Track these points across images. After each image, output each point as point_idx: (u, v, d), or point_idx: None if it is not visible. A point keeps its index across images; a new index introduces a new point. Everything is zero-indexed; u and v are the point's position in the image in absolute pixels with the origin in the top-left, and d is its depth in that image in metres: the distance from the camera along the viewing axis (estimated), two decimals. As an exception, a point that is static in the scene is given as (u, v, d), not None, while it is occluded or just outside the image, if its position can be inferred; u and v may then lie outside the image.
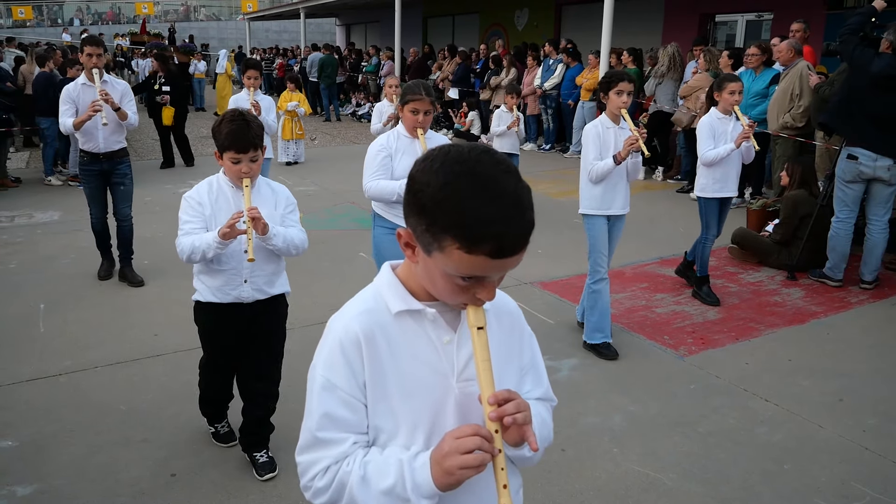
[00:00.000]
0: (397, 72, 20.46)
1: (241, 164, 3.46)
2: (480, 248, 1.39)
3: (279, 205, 3.68)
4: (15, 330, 5.82)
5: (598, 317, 5.36)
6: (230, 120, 3.45)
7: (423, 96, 4.54)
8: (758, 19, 15.15)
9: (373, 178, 4.60)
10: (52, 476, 3.86)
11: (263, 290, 3.69)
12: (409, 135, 4.65)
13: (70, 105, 6.57)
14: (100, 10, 46.68)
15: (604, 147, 5.22)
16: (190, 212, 3.55)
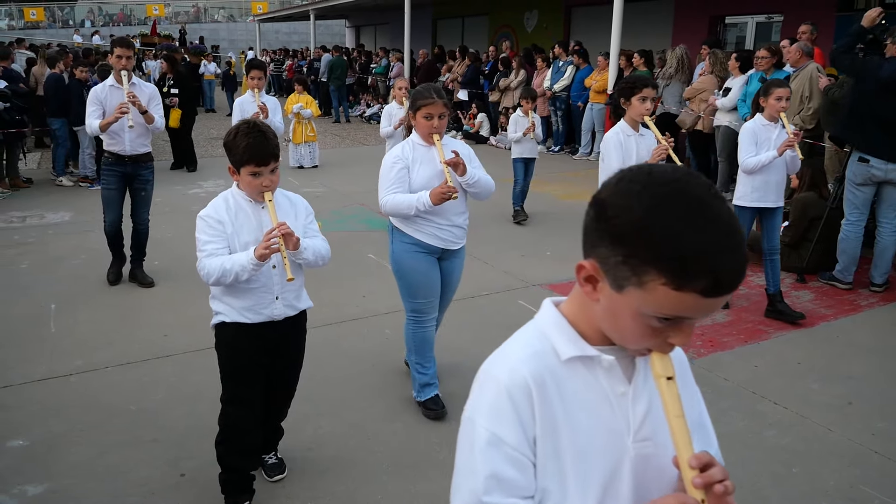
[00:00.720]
0: (407, 73, 20.49)
1: (262, 177, 3.27)
2: (693, 284, 1.19)
3: (299, 215, 3.50)
4: (26, 330, 5.85)
5: None
6: (246, 133, 3.25)
7: (434, 99, 4.23)
8: (768, 21, 15.11)
9: (389, 192, 4.29)
10: (62, 475, 3.89)
11: (293, 306, 3.54)
12: (424, 143, 4.33)
13: (97, 106, 6.53)
14: (111, 12, 46.84)
15: (626, 156, 5.01)
16: (210, 232, 3.32)
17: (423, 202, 4.17)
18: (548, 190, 11.25)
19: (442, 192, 4.11)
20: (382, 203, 4.32)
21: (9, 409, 4.58)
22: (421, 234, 4.33)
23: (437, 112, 4.24)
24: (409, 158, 4.31)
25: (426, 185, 4.23)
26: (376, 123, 20.69)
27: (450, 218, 4.34)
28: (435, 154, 4.30)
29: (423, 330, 4.51)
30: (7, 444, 4.17)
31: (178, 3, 49.99)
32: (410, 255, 4.39)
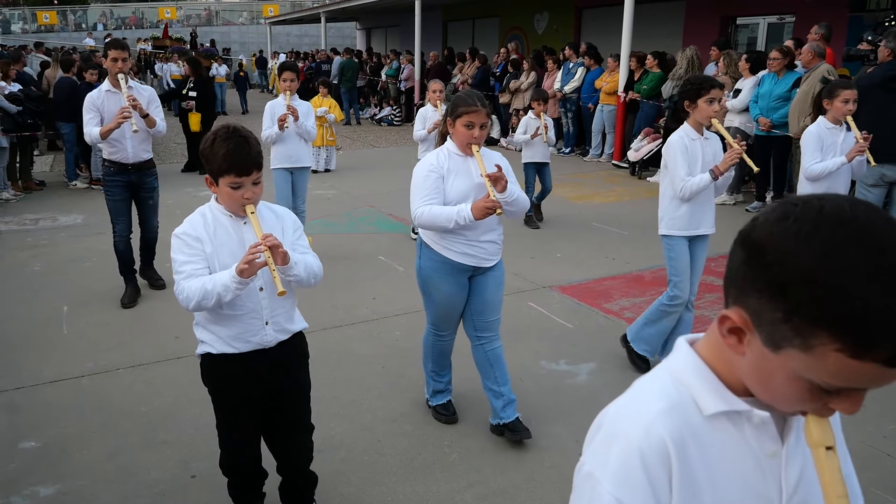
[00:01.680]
0: (417, 76, 20.50)
1: (243, 189, 2.89)
2: (877, 352, 0.98)
3: (286, 230, 3.13)
4: (38, 332, 5.88)
5: (654, 331, 5.08)
6: (225, 138, 2.86)
7: (478, 107, 3.89)
8: (780, 22, 15.08)
9: (424, 203, 3.92)
10: (74, 476, 3.90)
11: (285, 329, 3.17)
12: (461, 152, 4.00)
13: (94, 113, 6.19)
14: (123, 15, 47.06)
15: (692, 161, 4.71)
16: (187, 251, 2.94)
17: (463, 216, 3.82)
18: (558, 192, 11.21)
19: (486, 207, 3.77)
20: (417, 214, 3.94)
21: (21, 410, 4.61)
22: (450, 252, 4.03)
23: (480, 121, 3.90)
24: (443, 168, 3.97)
25: (460, 198, 3.93)
26: (387, 126, 20.73)
27: (482, 234, 4.02)
28: (472, 166, 3.99)
29: (443, 342, 4.38)
30: (19, 446, 4.19)
31: (190, 6, 50.21)
32: (438, 273, 4.10)
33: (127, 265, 6.62)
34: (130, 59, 6.64)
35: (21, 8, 46.61)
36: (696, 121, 4.71)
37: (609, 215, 9.65)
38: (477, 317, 4.22)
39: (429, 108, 8.55)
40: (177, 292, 2.94)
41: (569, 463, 4.04)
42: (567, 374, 5.15)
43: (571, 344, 5.63)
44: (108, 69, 6.23)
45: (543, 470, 3.98)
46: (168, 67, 23.27)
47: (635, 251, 8.07)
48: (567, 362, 5.31)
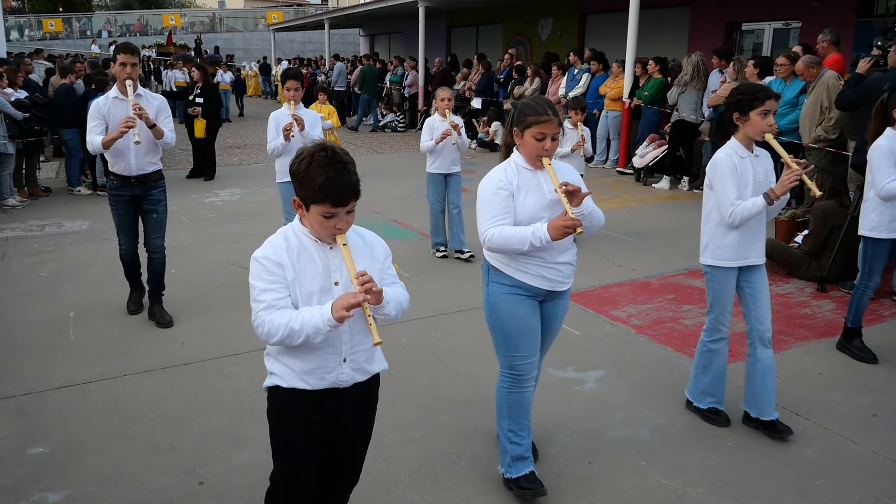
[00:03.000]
0: (421, 82, 20.52)
1: (336, 219, 2.65)
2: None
3: (375, 258, 2.87)
4: (45, 337, 5.88)
5: (710, 378, 4.58)
6: (323, 164, 2.58)
7: (550, 117, 3.52)
8: (785, 27, 15.08)
9: (494, 224, 3.57)
10: (82, 483, 3.89)
11: (364, 370, 2.88)
12: (530, 166, 3.65)
13: (99, 121, 5.84)
14: (128, 22, 47.21)
15: (741, 182, 4.20)
16: (267, 277, 2.68)
17: (539, 236, 3.48)
18: (564, 198, 11.20)
19: (565, 226, 3.44)
20: (487, 237, 3.57)
21: (29, 416, 4.60)
22: (525, 275, 3.66)
23: (552, 132, 3.55)
24: (512, 185, 3.61)
25: (531, 217, 3.59)
26: (391, 132, 20.73)
27: (559, 254, 3.68)
28: (542, 180, 3.65)
29: (522, 391, 3.83)
30: (27, 452, 4.18)
31: (194, 13, 50.36)
32: (510, 299, 3.70)
33: (133, 273, 6.43)
34: (140, 64, 6.19)
35: (27, 15, 46.73)
36: (747, 135, 4.22)
37: (615, 222, 9.62)
38: (542, 344, 3.90)
39: (436, 117, 8.06)
40: (255, 324, 2.67)
41: (576, 470, 4.02)
42: (575, 381, 5.13)
43: (579, 351, 5.61)
44: (116, 74, 5.91)
45: (552, 477, 3.95)
46: (173, 74, 23.31)
47: (642, 258, 8.05)
48: (575, 369, 5.30)
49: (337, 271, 2.75)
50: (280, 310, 2.65)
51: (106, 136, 5.76)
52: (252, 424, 4.48)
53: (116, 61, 5.82)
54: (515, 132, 3.68)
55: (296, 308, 2.69)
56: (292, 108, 6.93)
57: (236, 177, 13.55)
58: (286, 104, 7.01)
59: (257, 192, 12.03)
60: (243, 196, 11.71)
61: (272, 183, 12.62)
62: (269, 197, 11.40)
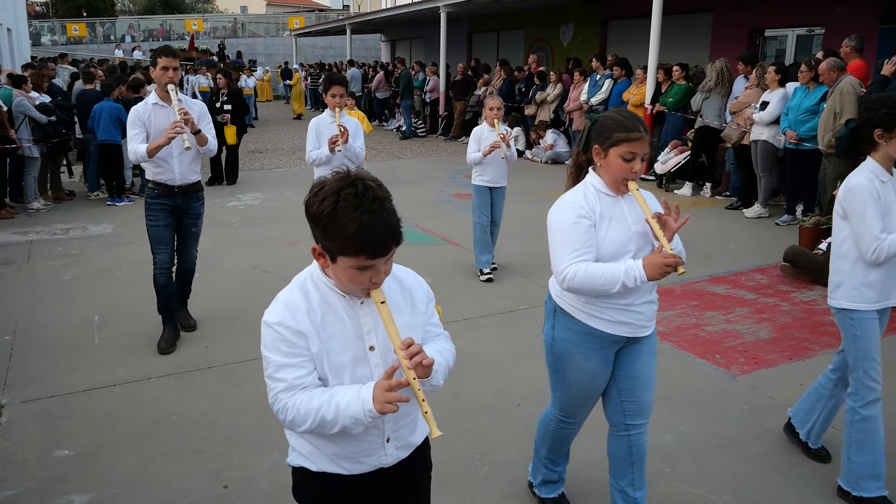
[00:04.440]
0: (442, 87, 20.54)
1: (372, 271, 2.06)
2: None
3: (416, 306, 2.32)
4: (70, 340, 5.93)
5: (871, 457, 3.71)
6: (353, 204, 1.99)
7: (641, 134, 2.99)
8: (808, 34, 14.99)
9: (575, 259, 3.01)
10: (107, 485, 3.92)
11: (409, 444, 2.37)
12: (612, 191, 3.11)
13: (140, 129, 5.50)
14: (151, 27, 47.56)
15: (885, 211, 3.56)
16: (286, 350, 2.12)
17: (634, 275, 2.95)
18: (585, 204, 11.19)
19: (665, 263, 2.91)
20: (568, 276, 3.00)
21: (55, 418, 4.64)
22: (600, 322, 3.16)
23: (642, 151, 3.01)
24: (595, 213, 3.06)
25: (616, 251, 3.06)
26: (411, 137, 20.74)
27: (641, 295, 3.15)
28: (625, 208, 3.12)
29: (567, 430, 3.58)
30: (53, 454, 4.21)
31: (216, 18, 50.68)
32: (581, 351, 3.21)
33: (167, 303, 5.90)
34: (181, 69, 5.83)
35: (51, 20, 47.20)
36: (889, 156, 3.62)
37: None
38: (627, 399, 3.34)
39: (484, 127, 7.56)
40: (276, 409, 2.16)
41: (601, 477, 4.01)
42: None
43: (602, 357, 5.59)
44: (157, 79, 5.54)
45: (577, 485, 3.95)
46: (196, 79, 23.44)
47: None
48: (598, 375, 5.27)
49: (371, 333, 2.18)
50: (305, 390, 2.12)
51: (152, 144, 5.44)
52: (276, 429, 4.46)
53: (157, 65, 5.47)
54: (596, 150, 3.11)
55: (322, 380, 2.17)
56: (338, 116, 6.48)
57: (258, 181, 13.62)
58: (329, 111, 6.57)
59: (278, 196, 12.09)
60: (265, 200, 11.77)
61: (293, 187, 12.74)
62: (290, 201, 11.48)
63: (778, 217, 10.12)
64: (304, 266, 2.26)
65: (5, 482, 3.93)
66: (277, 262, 8.01)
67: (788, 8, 14.17)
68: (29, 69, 13.96)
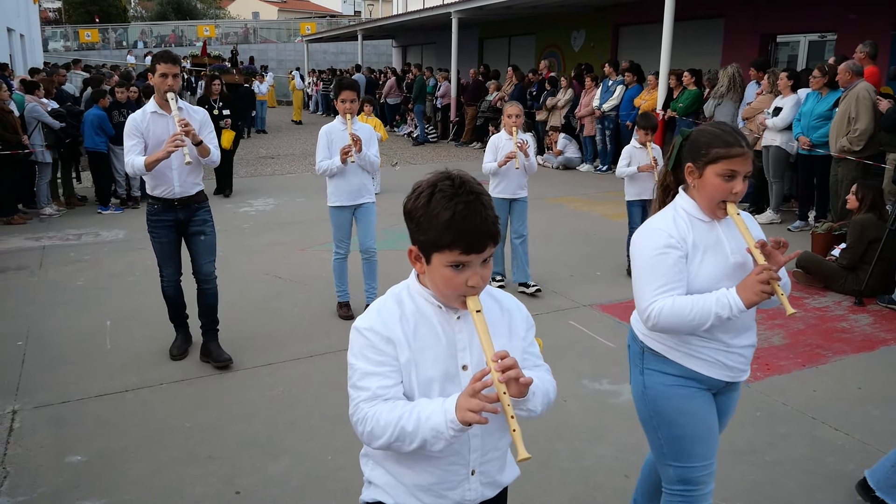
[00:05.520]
0: (453, 93, 20.55)
1: (468, 271, 1.93)
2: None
3: (515, 330, 2.15)
4: (82, 346, 5.95)
5: None
6: (449, 195, 1.91)
7: (744, 149, 2.63)
8: (821, 40, 14.95)
9: (662, 293, 2.65)
10: (119, 491, 3.92)
11: (495, 482, 2.18)
12: (705, 216, 2.73)
13: (137, 139, 5.15)
14: (163, 33, 47.78)
15: None
16: (373, 357, 2.00)
17: (728, 303, 2.59)
18: (597, 209, 11.19)
19: (761, 280, 2.54)
20: (653, 313, 2.65)
21: (67, 424, 4.65)
22: (699, 363, 2.77)
23: (745, 170, 2.65)
24: (686, 242, 2.69)
25: (710, 286, 2.67)
26: (422, 143, 20.76)
27: (741, 333, 2.77)
28: (723, 235, 2.74)
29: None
30: (65, 460, 4.22)
31: (228, 24, 50.88)
32: (680, 394, 2.80)
33: (177, 311, 5.73)
34: (182, 75, 5.50)
35: (63, 26, 47.47)
36: None
37: (648, 233, 9.56)
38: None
39: (502, 135, 7.08)
40: (354, 420, 2.01)
41: (614, 483, 3.99)
42: (610, 394, 5.10)
43: (614, 363, 5.57)
44: (156, 86, 5.20)
45: (588, 491, 3.93)
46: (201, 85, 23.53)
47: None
48: (610, 382, 5.26)
49: (466, 350, 2.04)
50: (388, 401, 1.98)
51: (149, 157, 5.08)
52: (288, 434, 4.50)
53: (156, 71, 5.14)
54: (689, 169, 2.74)
55: (408, 395, 2.02)
56: (349, 123, 6.09)
57: (269, 187, 13.64)
58: (340, 118, 6.21)
59: (290, 201, 12.11)
60: (277, 206, 11.79)
61: (305, 193, 12.77)
62: (303, 207, 11.51)
63: (790, 223, 10.08)
64: (315, 271, 2.27)
65: (18, 488, 3.94)
66: (289, 268, 8.03)
67: (801, 14, 14.14)
68: (38, 74, 14.04)
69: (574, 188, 12.99)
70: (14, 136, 10.09)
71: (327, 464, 4.18)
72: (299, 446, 4.36)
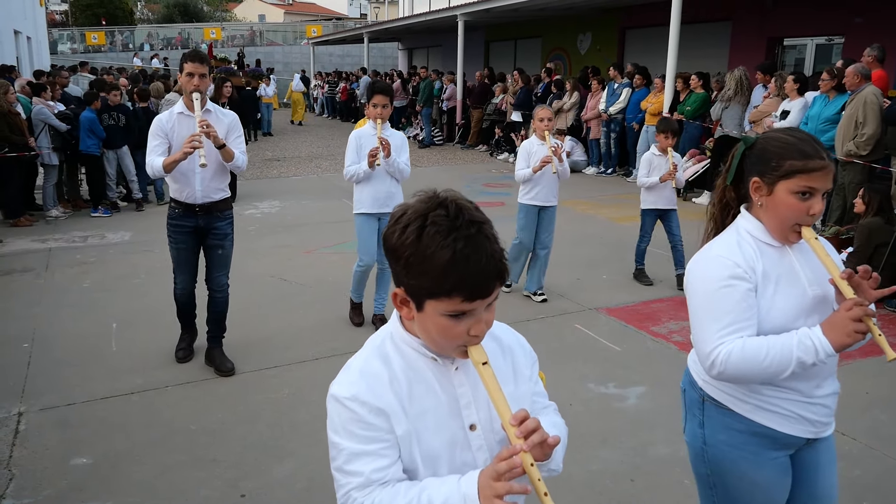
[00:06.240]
0: (459, 96, 20.55)
1: (471, 319, 1.59)
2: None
3: (520, 372, 1.85)
4: (88, 348, 5.94)
5: None
6: (447, 229, 1.54)
7: (825, 161, 2.21)
8: (828, 43, 14.92)
9: (729, 334, 2.21)
10: (124, 494, 3.92)
11: None
12: (775, 240, 2.30)
13: (161, 140, 5.05)
14: (169, 36, 47.91)
15: None
16: (361, 433, 1.66)
17: (812, 345, 2.16)
18: (603, 213, 11.17)
19: (854, 318, 2.13)
20: (717, 359, 2.21)
21: (72, 426, 4.65)
22: (773, 417, 2.34)
23: (824, 186, 2.23)
24: (755, 272, 2.25)
25: (785, 325, 2.24)
26: (429, 146, 20.77)
27: (822, 382, 2.35)
28: (800, 263, 2.32)
29: None
30: (71, 462, 4.22)
31: (234, 26, 50.98)
32: (748, 457, 2.37)
33: (187, 313, 5.66)
34: (211, 76, 5.36)
35: (70, 28, 47.62)
36: None
37: (654, 236, 9.54)
38: None
39: (533, 140, 6.88)
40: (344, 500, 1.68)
41: (619, 488, 3.98)
42: (616, 398, 5.08)
43: (619, 367, 5.56)
44: (183, 86, 5.07)
45: (594, 495, 3.92)
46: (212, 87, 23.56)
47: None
48: (616, 385, 5.25)
49: (471, 406, 1.71)
50: (386, 486, 1.64)
51: (168, 158, 4.96)
52: (293, 437, 4.50)
53: (183, 71, 5.01)
54: (755, 184, 2.30)
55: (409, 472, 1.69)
56: (379, 128, 5.87)
57: (275, 189, 13.65)
58: (370, 122, 5.99)
59: (296, 204, 12.12)
60: (282, 208, 11.80)
61: (311, 195, 12.79)
62: (309, 209, 11.52)
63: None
64: (321, 274, 2.21)
65: (23, 490, 3.94)
66: (295, 271, 8.03)
67: (808, 17, 14.12)
68: (42, 77, 14.08)
69: (580, 191, 12.97)
70: (20, 139, 10.11)
71: (332, 467, 4.17)
72: (304, 449, 4.35)
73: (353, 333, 6.21)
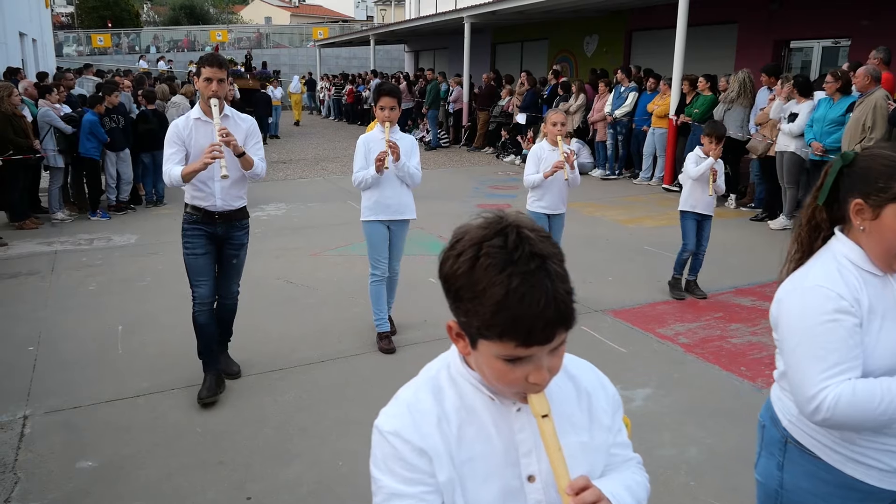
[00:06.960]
0: (466, 98, 20.54)
1: (531, 364, 1.38)
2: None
3: (597, 418, 1.64)
4: (94, 351, 5.95)
5: None
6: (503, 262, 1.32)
7: None
8: (834, 45, 14.87)
9: (834, 376, 1.95)
10: (130, 497, 3.92)
11: None
12: (882, 269, 2.05)
13: (178, 147, 4.85)
14: (175, 38, 48.00)
15: None
16: (401, 472, 1.47)
17: None
18: (610, 215, 11.16)
19: None
20: (824, 404, 1.95)
21: (78, 429, 4.65)
22: (864, 470, 2.08)
23: None
24: (861, 304, 2.00)
25: (893, 363, 2.00)
26: (434, 149, 20.77)
27: None
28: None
29: None
30: (76, 465, 4.22)
31: (241, 29, 51.07)
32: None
33: (208, 345, 5.17)
34: (228, 81, 5.12)
35: (76, 31, 47.75)
36: None
37: (660, 239, 9.54)
38: None
39: (544, 145, 6.68)
40: None
41: (626, 492, 3.96)
42: (622, 400, 5.05)
43: (625, 368, 5.55)
44: (200, 91, 4.85)
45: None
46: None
47: (688, 276, 7.96)
48: (622, 387, 5.23)
49: (531, 455, 1.51)
50: None
51: (187, 168, 4.76)
52: (299, 440, 4.49)
53: (200, 75, 4.79)
54: (857, 206, 2.04)
55: None
56: (387, 131, 5.63)
57: (282, 192, 13.66)
58: (379, 125, 5.75)
59: (302, 206, 12.13)
60: (289, 211, 11.80)
61: (317, 198, 12.80)
62: (314, 211, 11.52)
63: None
64: (327, 276, 2.16)
65: (29, 494, 3.94)
66: (301, 273, 8.02)
67: (814, 19, 14.09)
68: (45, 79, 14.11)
69: (586, 193, 12.95)
70: (25, 141, 10.12)
71: (338, 469, 4.17)
72: (310, 452, 4.35)
73: (359, 335, 6.20)
